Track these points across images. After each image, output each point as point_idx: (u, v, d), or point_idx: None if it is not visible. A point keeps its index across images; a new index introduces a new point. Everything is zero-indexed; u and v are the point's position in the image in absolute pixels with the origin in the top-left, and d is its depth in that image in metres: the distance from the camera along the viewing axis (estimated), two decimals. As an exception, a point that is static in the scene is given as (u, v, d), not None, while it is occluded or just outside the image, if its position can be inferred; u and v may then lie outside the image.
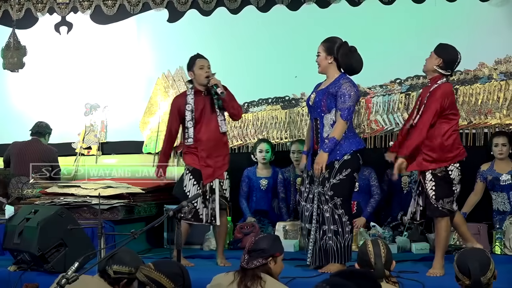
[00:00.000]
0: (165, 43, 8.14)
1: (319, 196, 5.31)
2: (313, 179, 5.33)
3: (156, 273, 3.42)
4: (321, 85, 5.51)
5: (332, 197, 5.24)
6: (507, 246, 6.10)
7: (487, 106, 7.10)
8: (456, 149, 5.26)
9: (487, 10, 7.20)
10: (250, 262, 3.84)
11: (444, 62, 5.27)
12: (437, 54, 5.31)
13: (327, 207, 5.26)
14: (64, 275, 3.32)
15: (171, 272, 3.43)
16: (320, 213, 5.31)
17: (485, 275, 3.47)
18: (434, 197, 5.19)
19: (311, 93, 5.52)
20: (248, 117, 7.82)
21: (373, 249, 3.80)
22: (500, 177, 6.55)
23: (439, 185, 5.20)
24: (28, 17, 8.43)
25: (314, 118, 5.43)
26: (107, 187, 6.62)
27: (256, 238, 3.93)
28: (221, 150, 5.94)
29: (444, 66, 5.27)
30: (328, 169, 5.25)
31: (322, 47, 5.48)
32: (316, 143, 5.40)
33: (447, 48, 5.35)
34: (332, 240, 5.26)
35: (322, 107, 5.33)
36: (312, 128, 5.47)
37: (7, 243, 5.65)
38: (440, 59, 5.28)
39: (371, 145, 7.38)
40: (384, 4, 7.44)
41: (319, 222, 5.31)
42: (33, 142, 7.64)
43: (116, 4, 8.20)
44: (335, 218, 5.25)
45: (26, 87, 8.44)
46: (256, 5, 7.79)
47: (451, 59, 5.29)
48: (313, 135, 5.44)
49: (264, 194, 7.25)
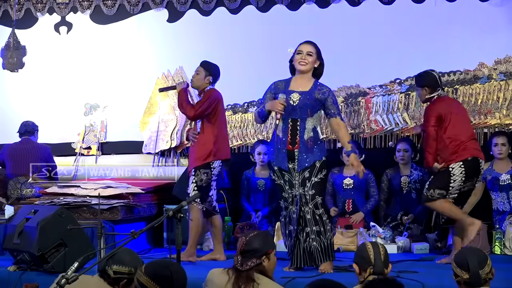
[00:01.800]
0: (165, 43, 8.14)
1: (300, 198, 5.33)
2: (292, 183, 5.35)
3: (144, 277, 3.40)
4: (296, 86, 5.40)
5: (313, 196, 5.30)
6: (507, 246, 6.11)
7: (487, 106, 7.10)
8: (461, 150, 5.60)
9: (487, 10, 7.20)
10: (244, 264, 3.79)
11: (429, 87, 5.76)
12: (420, 85, 5.84)
13: (308, 208, 5.31)
14: (64, 275, 3.31)
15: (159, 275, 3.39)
16: (302, 215, 5.32)
17: (483, 269, 3.54)
18: (427, 186, 5.63)
19: (292, 92, 5.35)
20: (248, 117, 7.83)
21: (373, 248, 3.84)
22: (500, 177, 6.55)
23: (436, 175, 5.63)
24: (27, 17, 8.43)
25: (292, 119, 5.36)
26: (106, 187, 6.62)
27: (247, 238, 3.86)
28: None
29: (431, 90, 5.75)
30: (309, 168, 5.32)
31: (315, 50, 5.45)
32: (291, 144, 5.35)
33: (423, 76, 5.86)
34: (316, 241, 5.30)
35: (308, 111, 5.34)
36: (286, 128, 5.38)
37: (7, 243, 5.65)
38: (425, 88, 5.77)
39: (371, 145, 7.39)
40: (383, 4, 7.43)
41: (301, 225, 5.32)
42: (25, 141, 7.65)
43: (116, 4, 8.20)
44: (316, 219, 5.31)
45: (25, 87, 8.44)
46: (256, 5, 7.79)
47: (431, 80, 5.78)
48: (286, 135, 5.37)
49: (262, 195, 7.27)
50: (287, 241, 5.43)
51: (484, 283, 3.54)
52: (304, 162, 5.32)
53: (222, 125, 6.16)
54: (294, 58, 5.46)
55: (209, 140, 6.00)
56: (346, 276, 4.83)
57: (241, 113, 7.86)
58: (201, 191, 5.90)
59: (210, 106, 6.01)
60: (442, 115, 5.64)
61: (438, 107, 5.71)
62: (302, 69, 5.40)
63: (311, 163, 5.31)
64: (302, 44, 5.49)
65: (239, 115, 7.86)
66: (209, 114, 6.03)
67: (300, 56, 5.40)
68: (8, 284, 5.33)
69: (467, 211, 6.58)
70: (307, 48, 5.42)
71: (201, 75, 6.16)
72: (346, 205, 7.03)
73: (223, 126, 6.18)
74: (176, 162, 7.79)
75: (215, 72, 6.22)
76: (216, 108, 6.05)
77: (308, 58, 5.40)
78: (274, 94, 5.45)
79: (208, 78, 6.16)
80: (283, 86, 5.44)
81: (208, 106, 6.01)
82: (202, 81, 6.16)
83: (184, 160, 7.81)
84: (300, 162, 5.32)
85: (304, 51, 5.40)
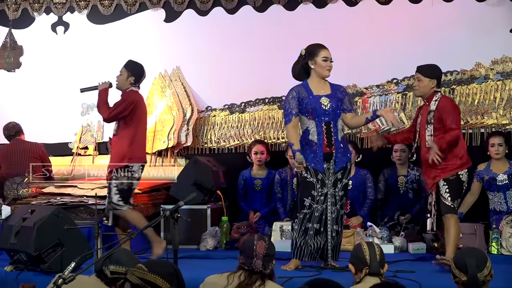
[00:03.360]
0: (162, 43, 8.13)
1: (330, 197, 5.45)
2: (325, 182, 5.43)
3: (151, 275, 3.38)
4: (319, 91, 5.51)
5: (342, 197, 5.51)
6: (504, 246, 6.11)
7: (484, 106, 7.11)
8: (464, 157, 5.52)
9: (484, 10, 7.21)
10: (266, 267, 3.86)
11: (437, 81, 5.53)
12: (429, 77, 5.50)
13: (335, 208, 5.48)
14: (61, 275, 3.31)
15: (166, 272, 3.40)
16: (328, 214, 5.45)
17: (481, 272, 3.53)
18: (450, 198, 5.41)
19: (320, 97, 5.47)
20: (245, 117, 7.83)
21: (368, 248, 3.84)
22: (497, 177, 6.56)
23: (452, 186, 5.44)
24: (24, 17, 8.43)
25: (326, 122, 5.47)
26: (104, 187, 6.61)
27: (266, 242, 3.93)
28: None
29: (437, 84, 5.53)
30: (342, 170, 5.47)
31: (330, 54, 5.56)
32: (328, 146, 5.45)
33: (434, 67, 5.59)
34: (334, 240, 5.52)
35: (337, 112, 5.50)
36: (321, 132, 5.47)
37: (4, 243, 5.64)
38: (434, 80, 5.49)
39: (367, 145, 7.38)
40: (380, 4, 7.44)
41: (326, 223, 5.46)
42: (17, 142, 7.63)
43: (113, 4, 8.20)
44: (339, 219, 5.52)
45: (22, 87, 8.42)
46: (253, 5, 7.80)
47: (440, 76, 5.60)
48: (322, 138, 5.46)
49: (259, 195, 7.27)
50: (298, 238, 5.44)
51: (482, 285, 3.53)
52: (341, 163, 5.47)
53: (139, 129, 6.00)
54: (317, 63, 5.49)
55: (124, 143, 5.91)
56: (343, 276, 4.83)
57: (238, 113, 7.86)
58: (123, 193, 5.87)
59: (126, 109, 5.91)
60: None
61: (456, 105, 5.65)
62: (328, 75, 5.55)
63: (344, 164, 5.48)
64: (323, 49, 5.53)
65: (236, 115, 7.86)
66: (125, 117, 5.92)
67: (326, 64, 5.50)
68: (5, 284, 5.33)
69: (464, 211, 6.63)
70: (330, 54, 5.53)
71: (124, 76, 6.07)
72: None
73: (139, 129, 6.01)
74: (173, 162, 7.79)
75: (138, 72, 6.10)
76: (134, 110, 5.93)
77: (332, 64, 5.54)
78: (299, 100, 5.49)
79: (130, 79, 6.05)
80: (305, 92, 5.50)
81: (124, 108, 5.91)
82: (125, 82, 6.06)
83: (181, 160, 7.81)
84: (337, 163, 5.46)
85: (329, 57, 5.51)
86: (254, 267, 3.84)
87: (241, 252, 3.94)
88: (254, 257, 3.85)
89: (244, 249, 3.91)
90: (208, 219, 6.85)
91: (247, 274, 3.85)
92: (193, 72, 7.99)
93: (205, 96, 7.99)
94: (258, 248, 3.88)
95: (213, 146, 7.91)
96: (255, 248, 3.87)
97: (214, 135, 7.91)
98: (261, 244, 3.89)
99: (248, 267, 3.86)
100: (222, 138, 7.88)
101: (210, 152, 7.90)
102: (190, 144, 7.83)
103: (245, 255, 3.88)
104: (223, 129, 7.88)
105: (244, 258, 3.88)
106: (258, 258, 3.86)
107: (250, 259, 3.85)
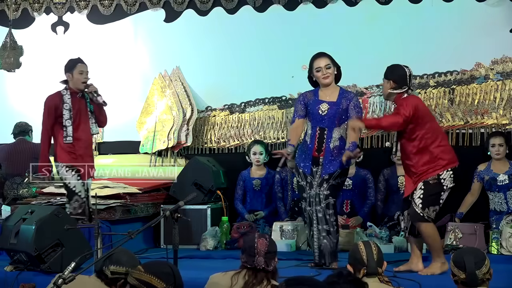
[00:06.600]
0: (162, 43, 8.13)
1: (314, 197, 5.47)
2: (312, 184, 5.47)
3: (147, 275, 3.38)
4: (324, 96, 5.55)
5: (327, 196, 5.44)
6: (504, 246, 6.11)
7: (484, 106, 7.11)
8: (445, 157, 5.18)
9: (484, 10, 7.21)
10: (269, 264, 3.87)
11: (395, 82, 5.27)
12: (386, 77, 5.35)
13: (319, 207, 5.45)
14: (61, 275, 3.31)
15: (161, 272, 3.40)
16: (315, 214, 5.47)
17: (480, 269, 3.54)
18: (421, 205, 5.11)
19: (321, 102, 5.51)
20: (245, 117, 7.83)
21: (365, 248, 3.85)
22: (497, 177, 6.56)
23: (427, 191, 5.12)
24: (24, 17, 8.42)
25: (320, 127, 5.50)
26: (104, 187, 6.62)
27: (267, 239, 3.94)
28: (91, 151, 6.26)
29: (397, 86, 5.26)
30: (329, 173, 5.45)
31: (330, 60, 5.56)
32: (317, 151, 5.48)
33: (393, 68, 5.38)
34: (326, 239, 5.47)
35: (336, 121, 5.48)
36: (314, 136, 5.51)
37: (4, 243, 5.64)
38: (390, 81, 5.30)
39: (367, 145, 7.39)
40: (380, 4, 7.44)
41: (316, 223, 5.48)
42: (20, 142, 7.64)
43: (113, 4, 8.20)
44: (326, 218, 5.46)
45: (22, 87, 8.42)
46: (253, 5, 7.80)
47: (400, 75, 5.28)
48: (314, 142, 5.50)
49: (258, 195, 7.27)
50: (310, 241, 5.61)
51: (481, 283, 3.54)
52: (328, 170, 5.46)
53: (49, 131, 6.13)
54: (314, 75, 5.56)
55: (54, 144, 6.17)
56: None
57: (238, 113, 7.86)
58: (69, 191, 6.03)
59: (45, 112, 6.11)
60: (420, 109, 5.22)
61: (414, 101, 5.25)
62: (327, 82, 5.56)
63: (333, 171, 5.46)
64: (316, 60, 5.57)
65: (236, 115, 7.86)
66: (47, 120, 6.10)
67: (321, 73, 5.53)
68: (5, 284, 5.32)
69: (464, 211, 6.63)
70: (323, 62, 5.54)
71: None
72: (344, 206, 7.02)
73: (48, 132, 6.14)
74: (173, 162, 7.79)
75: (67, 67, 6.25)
76: (48, 114, 6.08)
77: (328, 71, 5.54)
78: (305, 105, 5.59)
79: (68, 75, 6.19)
80: (312, 96, 5.59)
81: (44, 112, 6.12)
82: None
83: (181, 160, 7.81)
84: (324, 168, 5.46)
85: (322, 66, 5.53)
86: (256, 265, 3.84)
87: (243, 251, 3.94)
88: (256, 255, 3.84)
89: (246, 248, 3.91)
90: (208, 219, 6.85)
91: (250, 273, 3.85)
92: (193, 72, 7.99)
93: (205, 96, 8.00)
94: (259, 245, 3.87)
95: (213, 146, 7.91)
96: (257, 246, 3.87)
97: (214, 135, 7.91)
98: (262, 241, 3.89)
99: (251, 265, 3.85)
100: (222, 138, 7.88)
101: (210, 152, 7.90)
102: (190, 144, 7.82)
103: (247, 253, 3.88)
104: (223, 129, 7.88)
105: (246, 256, 3.88)
106: (260, 256, 3.85)
107: (252, 257, 3.85)
